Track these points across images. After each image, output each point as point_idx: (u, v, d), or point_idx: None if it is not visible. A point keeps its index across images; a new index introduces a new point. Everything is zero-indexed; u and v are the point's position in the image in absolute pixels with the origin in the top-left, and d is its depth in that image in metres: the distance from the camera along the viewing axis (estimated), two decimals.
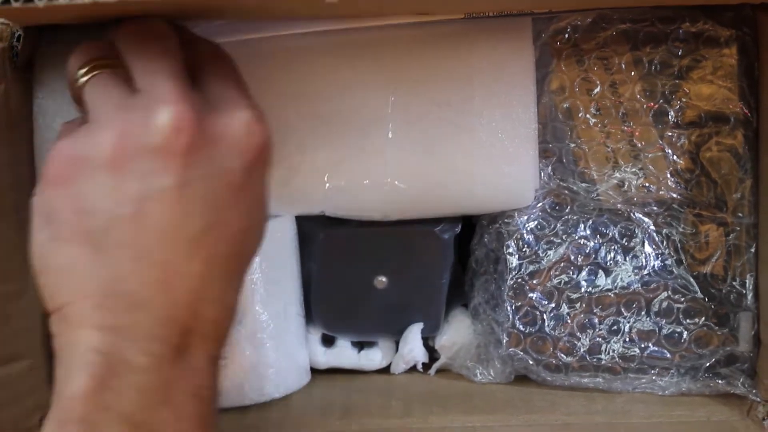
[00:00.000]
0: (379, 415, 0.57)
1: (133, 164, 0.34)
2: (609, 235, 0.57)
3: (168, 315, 0.35)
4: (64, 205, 0.35)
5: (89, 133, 0.36)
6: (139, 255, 0.35)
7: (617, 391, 0.58)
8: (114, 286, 0.34)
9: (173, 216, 0.35)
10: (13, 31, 0.49)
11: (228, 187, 0.36)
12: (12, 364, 0.52)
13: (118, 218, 0.34)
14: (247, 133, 0.37)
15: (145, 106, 0.35)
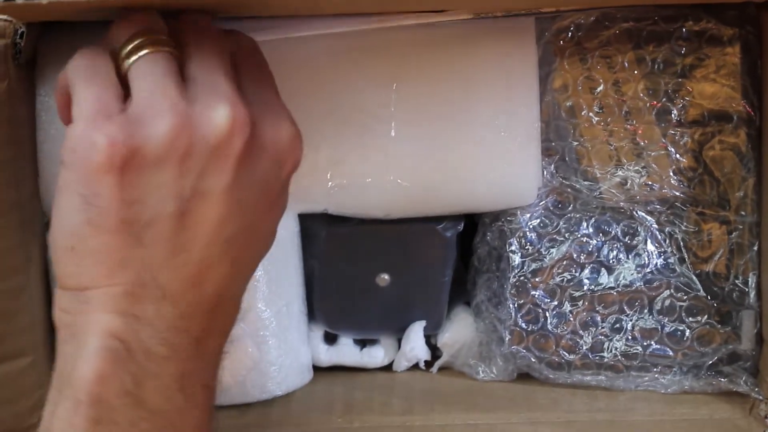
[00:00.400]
0: (381, 413, 0.57)
1: (189, 161, 0.34)
2: (612, 233, 0.57)
3: (193, 310, 0.35)
4: (112, 194, 0.34)
5: (144, 121, 0.34)
6: (177, 251, 0.35)
7: (620, 389, 0.58)
8: (146, 277, 0.35)
9: (216, 217, 0.35)
10: (15, 28, 0.49)
11: (266, 195, 0.37)
12: (13, 361, 0.52)
13: (164, 213, 0.34)
14: (291, 147, 0.37)
15: (204, 101, 0.35)
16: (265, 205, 0.37)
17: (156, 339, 0.35)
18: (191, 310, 0.35)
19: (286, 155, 0.37)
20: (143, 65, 0.36)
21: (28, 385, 0.54)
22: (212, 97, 0.35)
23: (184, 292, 0.35)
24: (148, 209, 0.34)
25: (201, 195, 0.35)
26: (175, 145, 0.34)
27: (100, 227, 0.34)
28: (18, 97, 0.51)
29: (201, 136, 0.34)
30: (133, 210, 0.34)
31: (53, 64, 0.52)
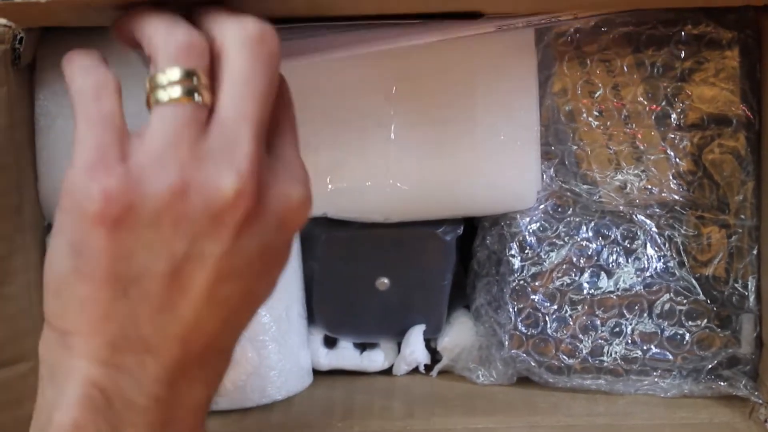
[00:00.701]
0: (381, 417, 0.57)
1: (185, 224, 0.33)
2: (611, 237, 0.57)
3: (178, 364, 0.34)
4: (102, 247, 0.33)
5: (146, 177, 0.33)
6: (164, 309, 0.34)
7: (619, 393, 0.58)
8: (130, 331, 0.34)
9: (208, 280, 0.34)
10: (15, 33, 0.49)
11: (264, 258, 0.35)
12: (14, 366, 0.52)
13: (154, 272, 0.33)
14: (298, 212, 0.36)
15: (214, 166, 0.33)
16: (262, 267, 0.36)
17: (137, 390, 0.34)
18: (176, 364, 0.34)
19: (291, 218, 0.36)
20: (168, 111, 0.34)
21: (28, 389, 0.53)
22: (224, 161, 0.33)
23: (169, 347, 0.34)
24: (138, 266, 0.33)
25: (194, 259, 0.33)
26: (173, 207, 0.33)
27: (87, 277, 0.33)
28: (17, 102, 0.51)
29: (201, 202, 0.33)
30: (122, 265, 0.33)
31: (52, 69, 0.53)
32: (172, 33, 0.34)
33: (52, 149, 0.53)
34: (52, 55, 0.53)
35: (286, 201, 0.35)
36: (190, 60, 0.34)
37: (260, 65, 0.34)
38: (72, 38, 0.52)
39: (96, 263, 0.33)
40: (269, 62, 0.34)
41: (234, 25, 0.34)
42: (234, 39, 0.34)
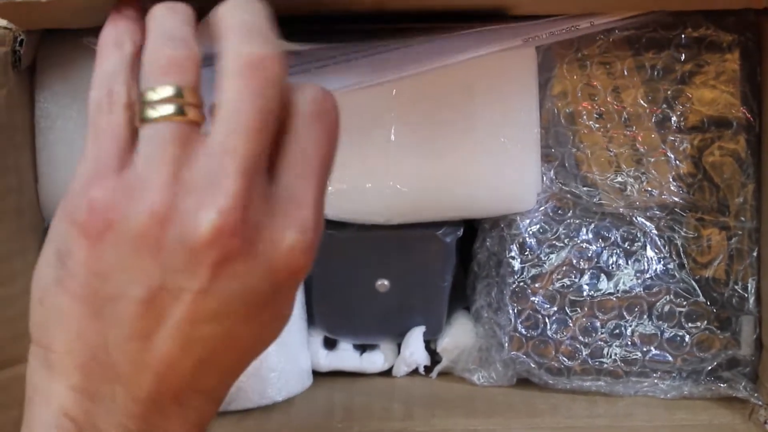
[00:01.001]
0: (381, 418, 0.57)
1: (163, 252, 0.32)
2: (611, 239, 0.57)
3: (150, 397, 0.33)
4: (82, 260, 0.32)
5: (132, 194, 0.32)
6: (136, 336, 0.32)
7: (619, 394, 0.58)
8: (100, 355, 0.33)
9: (183, 317, 0.32)
10: (15, 36, 0.49)
11: (248, 304, 0.33)
12: (13, 368, 0.52)
13: (128, 296, 0.32)
14: (289, 259, 0.33)
15: (197, 196, 0.31)
16: (245, 313, 0.33)
17: (110, 423, 0.33)
18: (148, 398, 0.33)
19: (284, 267, 0.33)
20: (155, 129, 0.32)
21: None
22: (207, 195, 0.31)
23: (140, 379, 0.33)
24: (114, 286, 0.32)
25: (170, 291, 0.32)
26: (151, 233, 0.31)
27: (66, 289, 0.33)
28: (17, 104, 0.51)
29: (178, 234, 0.31)
30: (99, 282, 0.32)
31: (52, 71, 0.52)
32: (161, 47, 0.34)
33: (52, 151, 0.53)
34: (53, 57, 0.53)
35: (278, 246, 0.32)
36: (180, 76, 0.33)
37: (253, 95, 0.32)
38: (72, 40, 0.52)
39: (75, 276, 0.33)
40: (265, 90, 0.32)
41: (230, 49, 0.33)
42: (229, 64, 0.33)
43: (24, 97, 0.52)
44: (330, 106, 0.35)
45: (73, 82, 0.53)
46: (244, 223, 0.31)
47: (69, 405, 0.33)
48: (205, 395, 0.35)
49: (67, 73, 0.52)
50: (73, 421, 0.33)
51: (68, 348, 0.33)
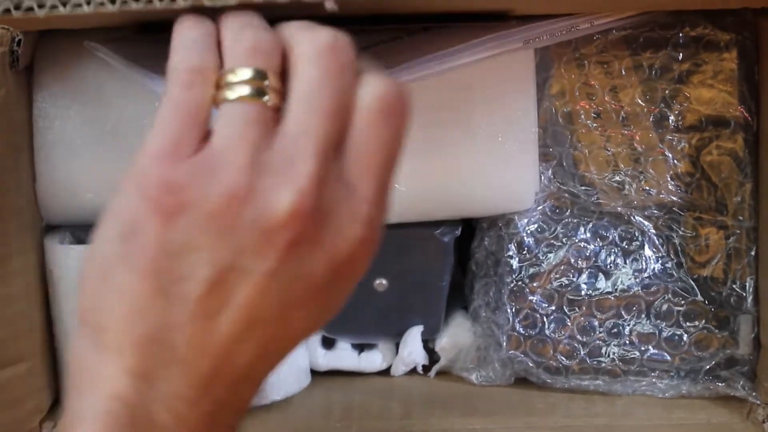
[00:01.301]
0: (379, 418, 0.57)
1: (235, 234, 0.32)
2: (609, 238, 0.57)
3: (204, 382, 0.33)
4: (152, 237, 0.32)
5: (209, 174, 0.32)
6: (200, 317, 0.32)
7: (617, 393, 0.58)
8: (160, 335, 0.32)
9: (246, 298, 0.32)
10: (13, 36, 0.49)
11: (306, 290, 0.33)
12: (12, 367, 0.52)
13: (196, 276, 0.32)
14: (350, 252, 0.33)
15: (274, 179, 0.32)
16: (305, 299, 0.33)
17: (162, 407, 0.32)
18: (203, 382, 0.33)
19: (342, 255, 0.33)
20: (235, 110, 0.33)
21: (26, 390, 0.54)
22: (285, 177, 0.31)
23: (198, 361, 0.33)
24: (181, 266, 0.32)
25: (238, 272, 0.32)
26: (226, 214, 0.32)
27: (131, 266, 0.33)
28: (15, 104, 0.51)
29: (254, 215, 0.31)
30: (167, 261, 0.32)
31: (50, 70, 0.53)
32: (242, 32, 0.34)
33: (50, 151, 0.53)
34: (51, 58, 0.53)
35: (339, 235, 0.33)
36: (259, 59, 0.33)
37: (329, 78, 0.32)
38: (70, 40, 0.52)
39: (143, 253, 0.32)
40: (340, 75, 0.33)
41: (306, 36, 0.33)
42: (304, 50, 0.33)
43: (22, 97, 0.52)
44: (399, 105, 0.34)
45: (71, 82, 0.53)
46: (318, 206, 0.32)
47: (121, 388, 0.32)
48: (253, 384, 0.35)
49: (65, 73, 0.53)
50: (125, 404, 0.32)
51: (126, 326, 0.33)
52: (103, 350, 0.33)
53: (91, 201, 0.54)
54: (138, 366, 0.32)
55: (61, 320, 0.55)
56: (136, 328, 0.33)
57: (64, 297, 0.54)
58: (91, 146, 0.53)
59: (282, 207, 0.31)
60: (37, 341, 0.54)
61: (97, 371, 0.33)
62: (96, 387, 0.33)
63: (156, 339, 0.32)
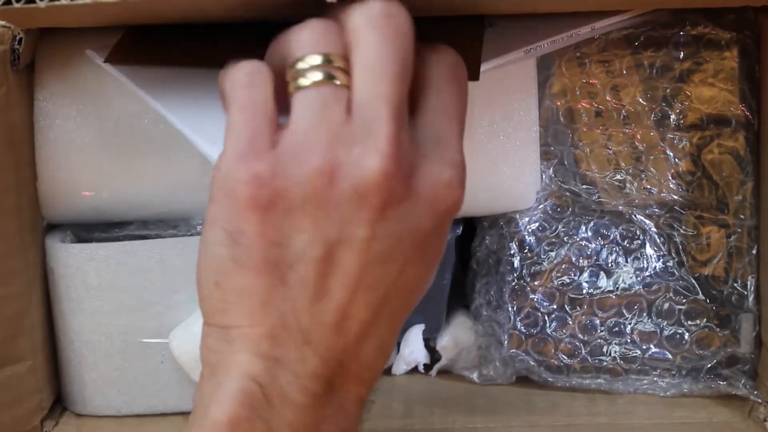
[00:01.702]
0: (381, 416, 0.57)
1: (334, 206, 0.33)
2: (610, 237, 0.57)
3: (333, 356, 0.34)
4: (256, 232, 0.33)
5: (294, 161, 0.33)
6: (320, 296, 0.34)
7: (619, 392, 0.58)
8: (289, 321, 0.34)
9: (360, 264, 0.34)
10: (14, 34, 0.49)
11: (414, 243, 0.35)
12: (13, 366, 0.52)
13: (308, 257, 0.33)
14: (447, 194, 0.35)
15: (358, 147, 0.33)
16: (412, 253, 0.35)
17: (295, 385, 0.34)
18: (332, 357, 0.34)
19: (441, 201, 0.35)
20: (310, 95, 0.34)
21: (27, 389, 0.54)
22: (367, 143, 0.33)
23: (326, 338, 0.34)
24: (292, 252, 0.33)
25: (344, 242, 0.33)
26: (321, 190, 0.33)
27: (244, 265, 0.34)
28: (16, 103, 0.51)
29: (348, 184, 0.33)
30: (278, 251, 0.33)
31: (51, 69, 0.53)
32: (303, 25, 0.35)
33: (50, 150, 0.53)
34: (51, 56, 0.53)
35: (434, 182, 0.34)
36: (325, 45, 0.34)
37: (388, 43, 0.34)
38: (72, 39, 0.52)
39: (252, 250, 0.33)
40: (398, 38, 0.34)
41: (359, 8, 0.35)
42: (360, 21, 0.34)
43: (23, 96, 0.52)
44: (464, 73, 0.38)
45: (72, 81, 0.53)
46: (402, 163, 0.33)
47: (255, 370, 0.33)
48: (379, 349, 0.36)
49: (66, 72, 0.53)
50: (259, 384, 0.33)
51: (254, 320, 0.34)
52: (233, 343, 0.34)
53: (91, 200, 0.54)
54: (270, 351, 0.34)
55: (63, 319, 0.55)
56: (264, 322, 0.34)
57: (65, 296, 0.54)
58: (92, 145, 0.53)
59: (373, 170, 0.32)
60: (38, 340, 0.54)
61: (230, 358, 0.34)
62: (230, 370, 0.34)
63: (285, 326, 0.34)
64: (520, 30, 0.49)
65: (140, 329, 0.55)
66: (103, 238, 0.56)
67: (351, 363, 0.35)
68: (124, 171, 0.54)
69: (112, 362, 0.55)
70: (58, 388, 0.57)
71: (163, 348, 0.55)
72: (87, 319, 0.55)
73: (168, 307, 0.55)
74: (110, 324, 0.55)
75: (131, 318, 0.55)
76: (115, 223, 0.56)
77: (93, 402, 0.56)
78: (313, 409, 0.34)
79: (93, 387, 0.56)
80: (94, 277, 0.54)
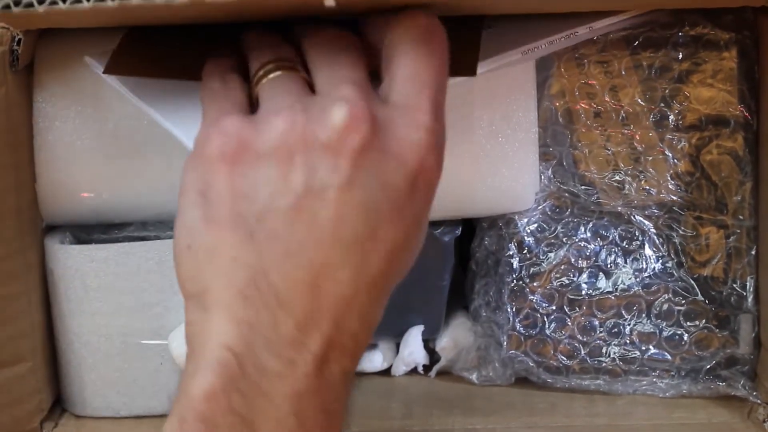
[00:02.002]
0: (380, 417, 0.57)
1: (301, 156, 0.33)
2: (609, 238, 0.57)
3: (310, 321, 0.33)
4: (224, 185, 0.33)
5: (260, 120, 0.34)
6: (290, 251, 0.33)
7: (618, 393, 0.58)
8: (259, 279, 0.33)
9: (332, 216, 0.33)
10: (13, 35, 0.49)
11: (389, 202, 0.34)
12: (13, 367, 0.53)
13: (277, 208, 0.33)
14: (416, 153, 0.34)
15: (322, 104, 0.34)
16: (388, 212, 0.34)
17: (270, 352, 0.33)
18: (308, 320, 0.33)
19: (413, 163, 0.34)
20: (272, 82, 0.36)
21: (27, 390, 0.54)
22: (331, 99, 0.34)
23: (300, 298, 0.33)
24: (260, 203, 0.33)
25: (315, 192, 0.33)
26: (286, 140, 0.33)
27: (214, 221, 0.34)
28: (15, 104, 0.51)
29: (313, 133, 0.33)
30: (245, 203, 0.33)
31: (50, 70, 0.53)
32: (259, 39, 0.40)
33: (50, 151, 0.53)
34: (51, 57, 0.53)
35: (403, 142, 0.34)
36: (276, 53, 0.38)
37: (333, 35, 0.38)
38: (70, 40, 0.52)
39: (220, 204, 0.33)
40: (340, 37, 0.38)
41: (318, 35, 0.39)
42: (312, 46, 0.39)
43: (22, 97, 0.52)
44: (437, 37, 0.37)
45: (71, 82, 0.53)
46: (370, 112, 0.33)
47: (229, 338, 0.33)
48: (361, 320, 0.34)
49: (65, 73, 0.53)
50: (234, 354, 0.32)
51: (225, 280, 0.33)
52: (208, 310, 0.33)
53: (91, 201, 0.54)
54: (243, 314, 0.33)
55: (62, 320, 0.55)
56: (235, 279, 0.33)
57: (65, 297, 0.54)
58: (91, 146, 0.53)
59: (338, 116, 0.33)
60: (37, 341, 0.54)
61: (207, 329, 0.33)
62: (206, 341, 0.33)
63: (255, 283, 0.33)
64: (518, 31, 0.49)
65: (139, 330, 0.55)
66: (103, 240, 0.56)
67: (331, 330, 0.33)
68: (124, 172, 0.54)
69: (112, 363, 0.55)
70: (57, 389, 0.57)
71: (163, 349, 0.55)
72: (86, 321, 0.55)
73: (167, 309, 0.55)
74: (109, 325, 0.55)
75: (130, 319, 0.55)
76: (115, 224, 0.56)
77: (92, 403, 0.56)
78: (291, 380, 0.33)
79: (92, 388, 0.56)
80: (94, 278, 0.54)
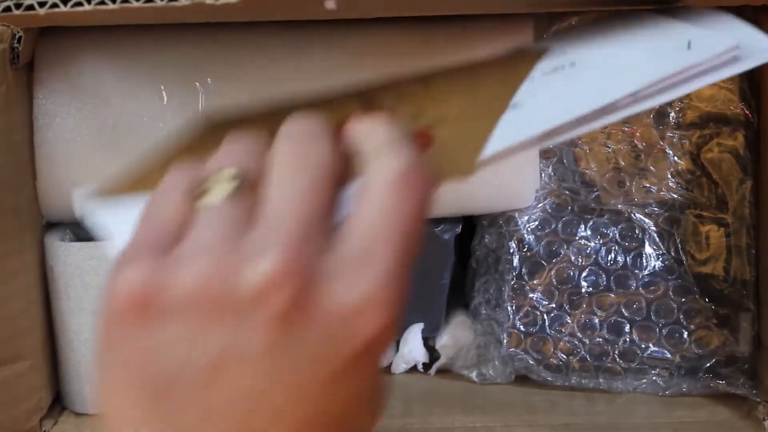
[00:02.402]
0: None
1: (216, 313, 0.29)
2: (610, 236, 0.57)
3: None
4: (131, 344, 0.30)
5: (178, 260, 0.30)
6: (206, 415, 0.29)
7: (618, 391, 0.58)
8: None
9: (252, 383, 0.29)
10: (13, 33, 0.49)
11: (318, 374, 0.29)
12: (12, 365, 0.52)
13: (190, 369, 0.29)
14: (362, 324, 0.29)
15: (253, 246, 0.29)
16: (321, 385, 0.29)
17: None
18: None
19: (353, 329, 0.29)
20: (214, 205, 0.31)
21: (26, 388, 0.54)
22: (264, 242, 0.29)
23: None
24: (172, 363, 0.29)
25: (233, 355, 0.29)
26: (203, 293, 0.29)
27: (121, 377, 0.30)
28: (16, 102, 0.51)
29: (234, 286, 0.28)
30: (155, 364, 0.29)
31: (51, 68, 0.52)
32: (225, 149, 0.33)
33: (50, 148, 0.53)
34: (51, 55, 0.53)
35: (345, 305, 0.29)
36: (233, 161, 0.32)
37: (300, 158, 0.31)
38: (71, 37, 0.52)
39: (128, 357, 0.30)
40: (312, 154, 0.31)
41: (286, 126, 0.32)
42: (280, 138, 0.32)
43: (22, 95, 0.52)
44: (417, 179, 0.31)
45: (72, 79, 0.52)
46: (306, 266, 0.29)
47: None
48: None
49: (66, 70, 0.52)
50: None
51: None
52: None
53: None
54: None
55: (62, 318, 0.55)
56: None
57: (65, 294, 0.54)
58: (91, 143, 0.53)
59: (263, 269, 0.28)
60: (37, 339, 0.54)
61: None
62: None
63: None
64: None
65: None
66: None
67: None
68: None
69: None
70: (57, 387, 0.57)
71: None
72: (86, 318, 0.55)
73: None
74: None
75: None
76: None
77: (92, 401, 0.56)
78: None
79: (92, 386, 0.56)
80: (93, 275, 0.54)
